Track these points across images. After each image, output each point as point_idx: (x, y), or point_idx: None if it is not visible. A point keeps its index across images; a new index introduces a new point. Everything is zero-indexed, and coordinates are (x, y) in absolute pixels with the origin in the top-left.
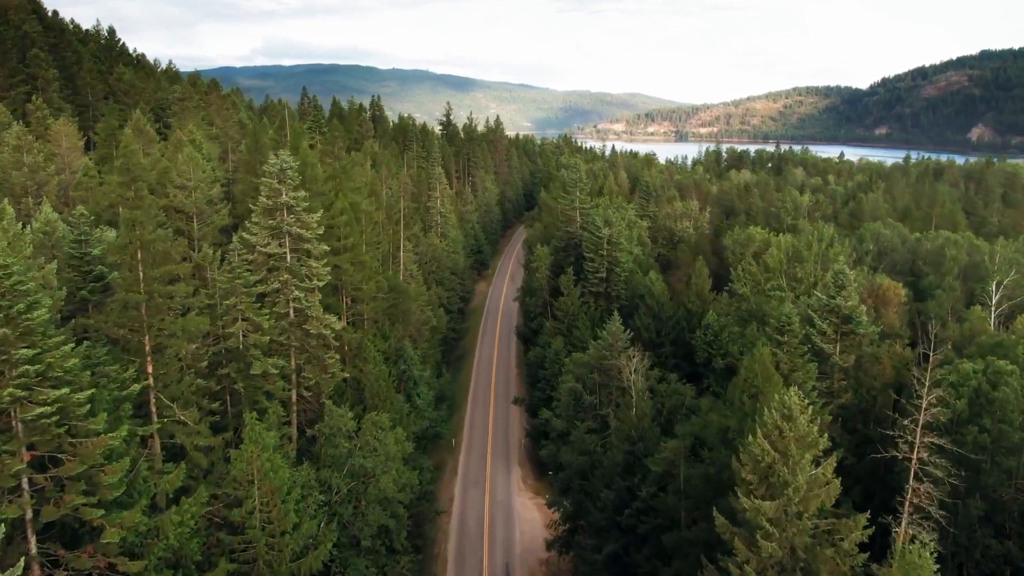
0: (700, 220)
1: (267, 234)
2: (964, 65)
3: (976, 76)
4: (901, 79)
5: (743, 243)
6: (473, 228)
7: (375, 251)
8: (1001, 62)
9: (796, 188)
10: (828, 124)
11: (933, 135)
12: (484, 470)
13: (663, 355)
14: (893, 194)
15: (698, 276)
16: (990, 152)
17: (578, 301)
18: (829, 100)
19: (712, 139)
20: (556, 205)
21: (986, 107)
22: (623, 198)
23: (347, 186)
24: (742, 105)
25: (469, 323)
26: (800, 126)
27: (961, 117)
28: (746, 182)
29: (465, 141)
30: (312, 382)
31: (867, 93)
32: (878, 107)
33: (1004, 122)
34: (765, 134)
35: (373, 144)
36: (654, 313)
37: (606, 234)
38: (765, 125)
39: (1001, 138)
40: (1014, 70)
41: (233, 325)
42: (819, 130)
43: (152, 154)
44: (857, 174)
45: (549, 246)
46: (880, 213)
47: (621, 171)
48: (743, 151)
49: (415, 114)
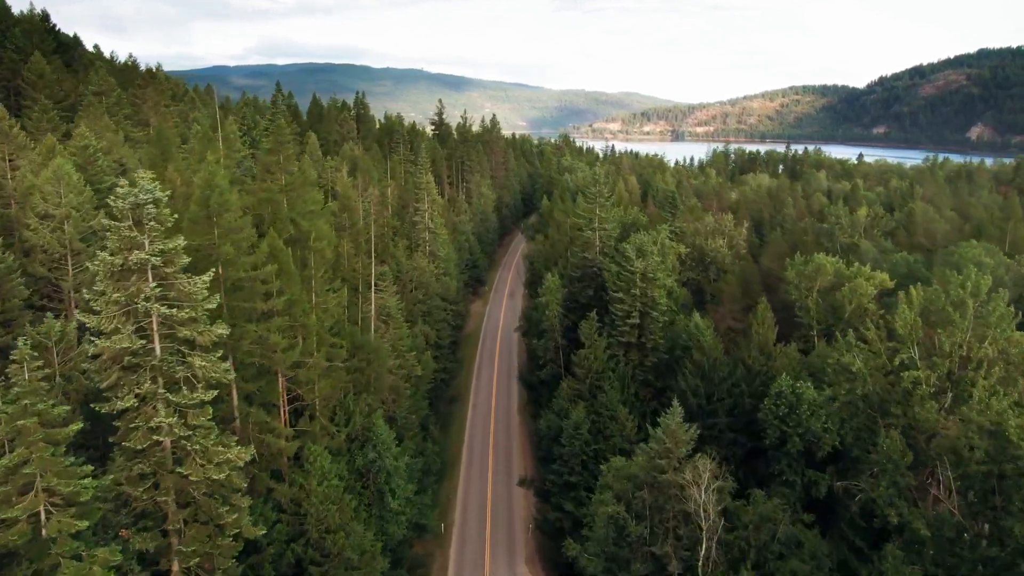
0: (735, 237)
1: (116, 314)
2: (962, 64)
3: (974, 75)
4: (899, 78)
5: (810, 275)
6: (468, 240)
7: (333, 296)
8: (1000, 61)
9: (821, 193)
10: (825, 123)
11: (932, 134)
12: (482, 568)
13: (716, 428)
14: (935, 203)
15: (760, 323)
16: (990, 151)
17: (604, 355)
18: (826, 99)
19: (709, 138)
20: (564, 220)
21: (985, 106)
22: (636, 208)
23: (295, 211)
24: (739, 104)
25: (464, 352)
26: (797, 125)
27: (960, 116)
28: (767, 187)
29: (459, 142)
30: (195, 559)
31: (864, 92)
32: (876, 106)
33: (1004, 121)
34: (762, 133)
35: (353, 147)
36: (703, 372)
37: (639, 268)
38: (762, 124)
39: (1001, 137)
40: (1012, 69)
41: (23, 499)
42: (816, 129)
43: (21, 167)
44: (890, 178)
45: (560, 274)
46: (935, 228)
47: (631, 176)
48: (754, 152)
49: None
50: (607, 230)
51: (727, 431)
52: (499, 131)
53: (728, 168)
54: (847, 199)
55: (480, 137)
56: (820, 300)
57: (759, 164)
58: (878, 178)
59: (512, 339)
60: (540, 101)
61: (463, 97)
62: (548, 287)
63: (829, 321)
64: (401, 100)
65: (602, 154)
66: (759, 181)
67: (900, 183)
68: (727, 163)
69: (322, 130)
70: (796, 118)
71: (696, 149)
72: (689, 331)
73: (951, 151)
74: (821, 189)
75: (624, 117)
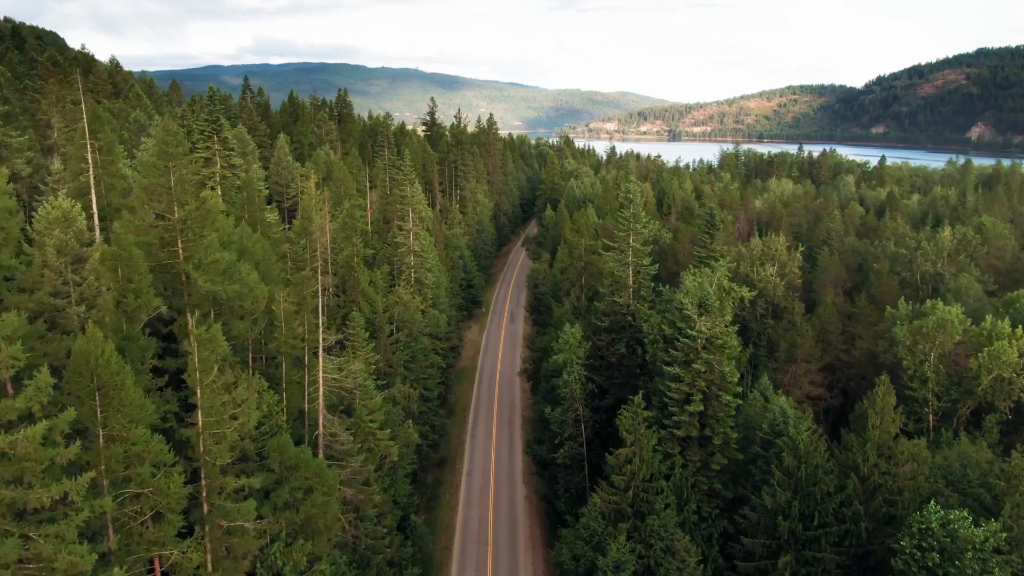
0: (789, 265)
1: None
2: (961, 63)
3: (973, 74)
4: (897, 77)
5: (928, 334)
6: (462, 257)
7: (236, 412)
8: (999, 60)
9: (851, 200)
10: (823, 123)
11: (932, 134)
12: None
13: (820, 567)
14: (992, 214)
15: (879, 411)
16: (991, 151)
17: (654, 458)
18: (824, 99)
19: (706, 138)
20: (578, 241)
21: (985, 105)
22: (657, 223)
23: (193, 263)
24: (736, 104)
25: (457, 394)
26: (795, 125)
27: (960, 116)
28: (794, 194)
29: (452, 145)
30: None
31: (863, 92)
32: (874, 106)
33: (1005, 120)
34: (760, 133)
35: (329, 152)
36: (797, 483)
37: (704, 330)
38: (759, 124)
39: (1002, 137)
40: (1012, 68)
41: None
42: (814, 129)
43: None
44: (919, 183)
45: (582, 325)
46: (1004, 245)
47: (645, 183)
48: (768, 154)
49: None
50: (644, 266)
51: (836, 569)
52: (496, 132)
53: (741, 171)
54: (887, 208)
55: (476, 138)
56: (940, 367)
57: (775, 167)
58: (910, 184)
59: (514, 379)
60: (535, 101)
61: (457, 96)
62: (566, 338)
63: (953, 395)
64: (396, 99)
65: (604, 155)
66: (783, 188)
67: (944, 191)
68: (738, 165)
69: (297, 132)
70: (794, 118)
71: (694, 149)
72: (772, 419)
73: (952, 151)
74: (849, 196)
75: (620, 117)
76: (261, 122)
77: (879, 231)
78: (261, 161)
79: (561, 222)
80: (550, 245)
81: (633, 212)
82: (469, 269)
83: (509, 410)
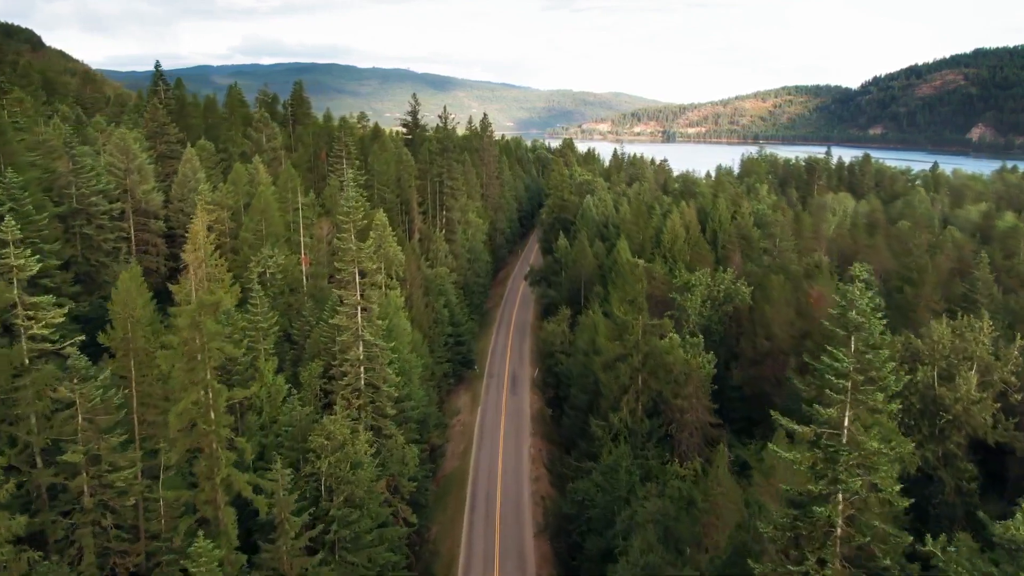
0: (997, 369)
1: None
2: (959, 63)
3: (972, 75)
4: (894, 78)
5: None
6: (447, 305)
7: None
8: (997, 60)
9: (934, 219)
10: (819, 124)
11: (931, 135)
12: None
13: None
14: None
15: None
16: (993, 153)
17: None
18: (820, 99)
19: (700, 139)
20: (635, 322)
21: (985, 106)
22: (720, 269)
23: None
24: (730, 104)
25: (438, 531)
26: (791, 126)
27: (959, 116)
28: (859, 214)
29: (436, 153)
30: None
31: (859, 92)
32: (871, 106)
33: (1005, 121)
34: (755, 134)
35: (252, 169)
36: None
37: None
38: (755, 125)
39: (1003, 138)
40: (1011, 68)
41: None
42: (811, 130)
43: None
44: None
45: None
46: None
47: (683, 204)
48: (802, 159)
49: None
50: None
51: None
52: (491, 135)
53: (775, 182)
54: (993, 235)
55: (467, 143)
56: None
57: (816, 175)
58: (975, 195)
59: (522, 500)
60: (528, 101)
61: (449, 97)
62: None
63: None
64: (387, 100)
65: (604, 157)
66: (844, 204)
67: None
68: (772, 174)
69: (225, 138)
70: (789, 119)
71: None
72: None
73: (953, 152)
74: (933, 214)
75: (613, 118)
76: (171, 124)
77: (1014, 272)
78: (163, 181)
79: (577, 257)
80: (566, 289)
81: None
82: (457, 319)
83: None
